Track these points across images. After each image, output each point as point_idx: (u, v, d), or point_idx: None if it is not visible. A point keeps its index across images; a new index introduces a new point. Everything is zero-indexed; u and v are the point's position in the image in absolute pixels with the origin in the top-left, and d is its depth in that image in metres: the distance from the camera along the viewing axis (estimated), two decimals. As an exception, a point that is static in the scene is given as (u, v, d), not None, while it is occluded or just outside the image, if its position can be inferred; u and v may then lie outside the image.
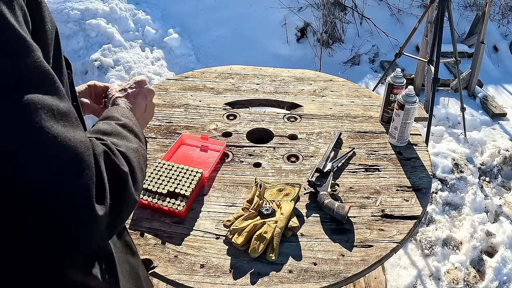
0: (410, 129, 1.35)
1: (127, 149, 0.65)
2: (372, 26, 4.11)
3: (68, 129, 0.50)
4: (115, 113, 0.78)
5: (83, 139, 0.52)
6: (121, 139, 0.68)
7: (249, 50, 3.87)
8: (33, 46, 0.49)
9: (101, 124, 0.72)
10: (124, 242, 0.81)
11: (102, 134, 0.67)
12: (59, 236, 0.51)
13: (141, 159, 0.69)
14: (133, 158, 0.65)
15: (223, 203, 1.16)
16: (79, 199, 0.50)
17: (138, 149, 0.70)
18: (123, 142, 0.68)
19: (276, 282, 0.96)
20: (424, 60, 2.74)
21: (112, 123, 0.73)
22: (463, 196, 2.45)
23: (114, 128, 0.71)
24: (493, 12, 4.22)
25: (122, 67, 3.36)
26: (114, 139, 0.67)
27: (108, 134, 0.68)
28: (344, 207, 1.08)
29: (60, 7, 3.56)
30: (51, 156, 0.48)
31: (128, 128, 0.74)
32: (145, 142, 0.80)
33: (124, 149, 0.65)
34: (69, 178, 0.49)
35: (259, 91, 1.67)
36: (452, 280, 2.02)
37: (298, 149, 1.37)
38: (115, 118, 0.76)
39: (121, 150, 0.63)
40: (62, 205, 0.49)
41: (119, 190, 0.58)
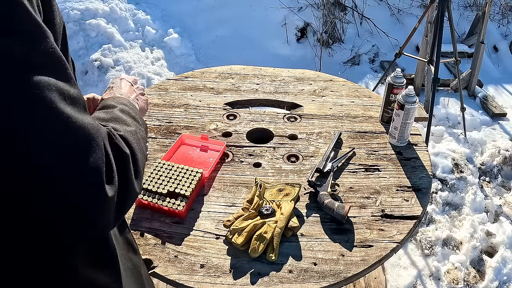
0: (410, 129, 1.35)
1: (125, 132, 0.67)
2: (372, 26, 4.11)
3: (79, 112, 0.52)
4: (110, 102, 0.81)
5: (93, 122, 0.54)
6: (120, 124, 0.70)
7: (249, 50, 3.87)
8: (48, 32, 0.50)
9: (98, 113, 0.74)
10: (125, 240, 0.81)
11: (101, 120, 0.69)
12: (69, 215, 0.51)
13: (140, 141, 0.71)
14: (133, 141, 0.67)
15: (223, 203, 1.16)
16: (90, 178, 0.52)
17: (137, 131, 0.71)
18: (121, 126, 0.69)
19: (276, 282, 0.96)
20: (424, 60, 2.74)
21: (109, 111, 0.76)
22: (463, 196, 2.45)
23: (112, 114, 0.74)
24: (493, 12, 4.22)
25: (122, 67, 3.36)
26: (112, 124, 0.68)
27: (107, 121, 0.70)
28: (344, 207, 1.08)
29: (60, 7, 3.56)
30: (65, 134, 0.50)
31: (125, 112, 0.77)
32: (144, 125, 0.82)
33: (123, 132, 0.66)
34: (81, 157, 0.51)
35: (259, 91, 1.67)
36: (452, 280, 2.02)
37: (298, 149, 1.37)
38: (111, 105, 0.79)
39: (121, 134, 0.65)
40: (74, 184, 0.50)
41: (123, 171, 0.59)
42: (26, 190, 0.49)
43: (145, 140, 0.76)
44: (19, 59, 0.47)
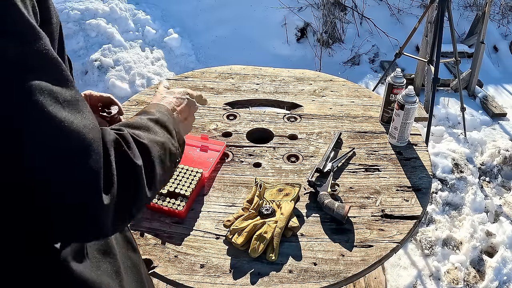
0: (410, 129, 1.35)
1: (149, 141, 0.65)
2: (372, 26, 4.11)
3: (76, 116, 0.51)
4: (151, 108, 0.78)
5: (92, 126, 0.53)
6: (147, 132, 0.68)
7: (249, 50, 3.87)
8: (42, 34, 0.50)
9: (133, 118, 0.72)
10: (125, 238, 0.81)
11: (127, 127, 0.67)
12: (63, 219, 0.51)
13: (166, 153, 0.68)
14: (155, 151, 0.64)
15: (223, 203, 1.16)
16: (85, 184, 0.51)
17: (165, 144, 0.69)
18: (148, 134, 0.67)
19: (276, 282, 0.96)
20: (424, 60, 2.74)
21: (143, 117, 0.73)
22: (463, 196, 2.45)
23: (144, 122, 0.71)
24: (493, 12, 4.22)
25: (122, 67, 3.36)
26: (138, 131, 0.66)
27: (135, 127, 0.67)
28: (344, 207, 1.08)
29: (60, 7, 3.56)
30: (57, 138, 0.49)
31: (160, 123, 0.74)
32: (182, 142, 0.79)
33: (147, 141, 0.64)
34: (76, 162, 0.50)
35: (259, 91, 1.67)
36: (452, 280, 2.02)
37: (298, 149, 1.37)
38: (150, 113, 0.76)
39: (142, 142, 0.63)
40: (68, 187, 0.49)
41: (129, 182, 0.57)
42: (21, 193, 0.48)
43: (175, 156, 0.73)
44: (13, 60, 0.47)
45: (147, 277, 0.86)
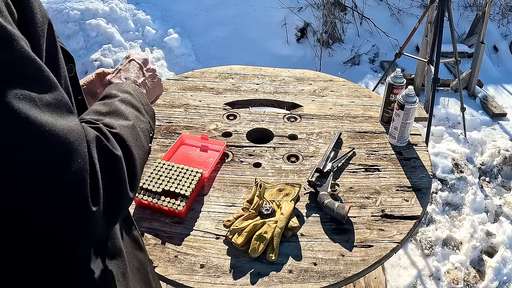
0: (410, 129, 1.35)
1: (121, 129, 0.64)
2: (372, 26, 4.11)
3: (57, 118, 0.49)
4: (112, 90, 0.77)
5: (75, 128, 0.51)
6: (116, 118, 0.67)
7: (249, 50, 3.87)
8: (16, 35, 0.47)
9: (97, 105, 0.70)
10: (132, 237, 0.81)
11: (97, 115, 0.66)
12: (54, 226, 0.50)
13: (139, 136, 0.68)
14: (129, 138, 0.64)
15: (223, 203, 1.16)
16: (73, 186, 0.49)
17: (135, 125, 0.68)
18: (118, 121, 0.66)
19: (276, 282, 0.96)
20: (424, 60, 2.74)
21: (108, 102, 0.72)
22: (463, 196, 2.45)
23: (111, 106, 0.70)
24: (493, 12, 4.22)
25: (122, 67, 3.36)
26: (108, 119, 0.65)
27: (103, 114, 0.67)
28: (344, 207, 1.08)
29: (60, 7, 3.56)
30: (39, 145, 0.47)
31: (126, 102, 0.73)
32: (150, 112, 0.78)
33: (119, 129, 0.63)
34: (59, 167, 0.48)
35: (259, 91, 1.67)
36: (452, 280, 2.02)
37: (298, 149, 1.37)
38: (112, 95, 0.75)
39: (115, 132, 0.62)
40: (56, 192, 0.48)
41: (113, 175, 0.56)
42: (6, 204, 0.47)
43: (148, 131, 0.73)
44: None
45: (154, 276, 0.86)
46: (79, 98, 0.71)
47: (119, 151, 0.59)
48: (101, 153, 0.55)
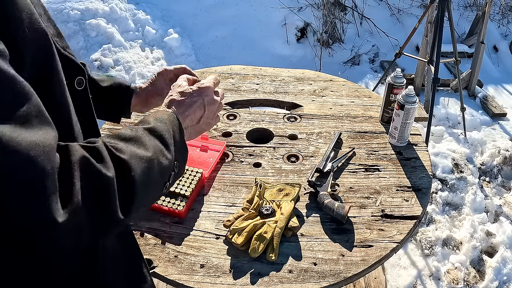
0: (410, 129, 1.35)
1: (131, 156, 0.61)
2: (372, 26, 4.11)
3: (21, 131, 0.48)
4: (149, 117, 0.73)
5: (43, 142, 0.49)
6: (134, 145, 0.63)
7: (249, 50, 3.87)
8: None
9: (125, 129, 0.68)
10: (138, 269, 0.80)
11: (115, 138, 0.64)
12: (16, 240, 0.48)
13: (153, 167, 0.64)
14: (137, 167, 0.60)
15: (223, 203, 1.16)
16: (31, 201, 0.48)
17: (152, 157, 0.64)
18: (133, 148, 0.63)
19: (276, 282, 0.96)
20: (424, 60, 2.74)
21: (136, 128, 0.68)
22: (463, 196, 2.45)
23: (134, 133, 0.66)
24: (493, 12, 4.22)
25: (122, 67, 3.36)
26: (123, 145, 0.62)
27: (123, 139, 0.64)
28: (344, 207, 1.08)
29: (60, 7, 3.57)
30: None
31: (155, 133, 0.69)
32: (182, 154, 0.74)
33: (127, 156, 0.60)
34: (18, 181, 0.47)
35: (259, 91, 1.67)
36: (452, 280, 2.02)
37: (298, 149, 1.37)
38: (146, 122, 0.71)
39: (119, 156, 0.59)
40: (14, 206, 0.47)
41: (97, 195, 0.54)
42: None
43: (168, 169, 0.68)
44: None
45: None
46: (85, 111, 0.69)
47: (110, 171, 0.56)
48: (85, 172, 0.53)
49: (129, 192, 0.59)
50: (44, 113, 0.52)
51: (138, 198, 0.60)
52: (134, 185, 0.60)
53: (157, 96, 1.04)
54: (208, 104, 0.85)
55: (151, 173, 0.63)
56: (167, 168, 0.68)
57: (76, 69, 0.66)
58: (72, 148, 0.55)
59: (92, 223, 0.54)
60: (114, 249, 0.75)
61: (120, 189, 0.57)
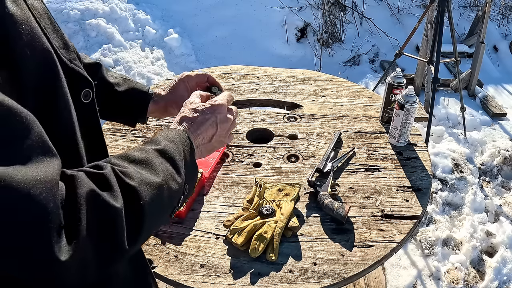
0: (410, 129, 1.35)
1: (141, 183, 0.59)
2: (372, 26, 4.11)
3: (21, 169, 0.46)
4: (159, 136, 0.71)
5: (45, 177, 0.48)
6: (144, 170, 0.61)
7: (249, 50, 3.87)
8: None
9: (133, 150, 0.65)
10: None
11: (124, 160, 0.62)
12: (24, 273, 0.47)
13: (163, 193, 0.62)
14: (146, 194, 0.59)
15: (223, 203, 1.16)
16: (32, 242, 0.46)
17: (162, 183, 0.62)
18: (143, 173, 0.61)
19: (276, 282, 0.96)
20: (424, 60, 2.74)
21: (146, 149, 0.66)
22: (463, 196, 2.45)
23: (145, 154, 0.64)
24: (493, 12, 4.22)
25: (122, 67, 3.36)
26: (133, 169, 0.60)
27: (132, 162, 0.62)
28: (344, 207, 1.08)
29: (60, 7, 3.57)
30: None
31: (165, 155, 0.66)
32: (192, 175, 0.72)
33: (137, 182, 0.58)
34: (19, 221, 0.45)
35: (259, 91, 1.67)
36: (452, 280, 2.02)
37: (298, 149, 1.37)
38: (156, 142, 0.68)
39: (129, 184, 0.57)
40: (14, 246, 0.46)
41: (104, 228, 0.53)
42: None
43: (178, 193, 0.66)
44: None
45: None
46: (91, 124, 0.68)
47: (119, 202, 0.55)
48: (92, 205, 0.52)
49: (137, 222, 0.57)
50: (46, 142, 0.51)
51: (146, 227, 0.59)
52: (143, 214, 0.58)
53: (175, 105, 0.99)
54: (220, 122, 0.83)
55: (160, 200, 0.62)
56: (176, 193, 0.66)
57: (83, 82, 0.65)
58: (78, 179, 0.53)
59: (98, 258, 0.52)
60: (125, 275, 0.73)
61: (128, 220, 0.55)
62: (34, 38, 0.54)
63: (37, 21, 0.58)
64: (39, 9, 0.62)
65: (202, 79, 1.02)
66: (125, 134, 1.42)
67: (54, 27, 0.64)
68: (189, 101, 0.86)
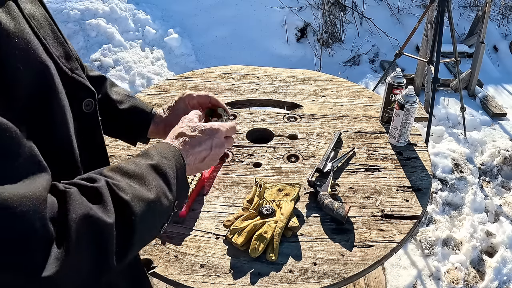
0: (410, 129, 1.35)
1: (133, 197, 0.59)
2: (372, 26, 4.11)
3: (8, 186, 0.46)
4: (153, 150, 0.71)
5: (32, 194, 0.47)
6: (137, 185, 0.62)
7: (249, 50, 3.87)
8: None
9: (127, 163, 0.65)
10: None
11: (118, 174, 0.62)
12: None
13: (154, 209, 0.62)
14: (137, 209, 0.59)
15: (223, 203, 1.16)
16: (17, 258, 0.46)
17: (154, 200, 0.62)
18: (136, 187, 0.61)
19: (276, 282, 0.96)
20: (424, 60, 2.74)
21: (140, 163, 0.66)
22: (463, 196, 2.45)
23: (139, 168, 0.64)
24: (493, 12, 4.22)
25: (122, 67, 3.36)
26: (126, 183, 0.60)
27: (126, 175, 0.62)
28: (344, 207, 1.08)
29: (60, 7, 3.57)
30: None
31: (158, 170, 0.66)
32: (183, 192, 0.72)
33: (130, 197, 0.59)
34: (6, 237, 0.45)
35: (259, 91, 1.67)
36: (452, 280, 2.02)
37: (298, 149, 1.37)
38: (150, 156, 0.68)
39: (122, 198, 0.58)
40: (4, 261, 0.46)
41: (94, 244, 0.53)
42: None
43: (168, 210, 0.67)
44: None
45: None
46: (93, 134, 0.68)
47: (111, 217, 0.55)
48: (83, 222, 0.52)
49: (127, 237, 0.57)
50: (36, 157, 0.50)
51: (135, 242, 0.59)
52: (133, 229, 0.58)
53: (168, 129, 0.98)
54: (215, 146, 0.83)
55: (151, 216, 0.62)
56: (167, 209, 0.67)
57: (85, 91, 0.64)
58: (71, 195, 0.53)
59: (87, 272, 0.53)
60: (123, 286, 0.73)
61: (118, 234, 0.55)
62: (28, 52, 0.53)
63: (35, 32, 0.57)
64: (39, 18, 0.60)
65: (205, 100, 1.02)
66: (125, 134, 1.42)
67: (56, 36, 0.63)
68: (188, 118, 0.86)
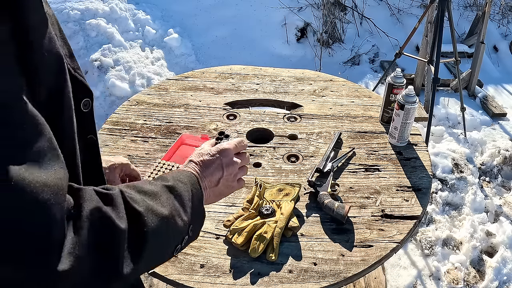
0: (410, 129, 1.35)
1: (146, 210, 0.59)
2: (372, 26, 4.11)
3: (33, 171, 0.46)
4: (168, 175, 0.71)
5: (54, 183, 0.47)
6: (151, 200, 0.62)
7: (249, 50, 3.87)
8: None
9: (142, 183, 0.65)
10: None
11: (132, 189, 0.62)
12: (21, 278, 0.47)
13: (167, 226, 0.62)
14: (150, 222, 0.58)
15: (223, 203, 1.16)
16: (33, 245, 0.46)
17: (168, 217, 0.62)
18: (149, 202, 0.61)
19: (276, 282, 0.96)
20: (424, 60, 2.74)
21: (155, 183, 0.66)
22: (463, 196, 2.45)
23: (154, 187, 0.65)
24: (493, 12, 4.22)
25: (122, 67, 3.36)
26: (139, 196, 0.60)
27: (140, 192, 0.62)
28: (344, 207, 1.08)
29: (60, 7, 3.56)
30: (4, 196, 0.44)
31: (174, 192, 0.67)
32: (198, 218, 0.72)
33: (143, 209, 0.58)
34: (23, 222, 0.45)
35: (259, 91, 1.67)
36: (452, 280, 2.02)
37: (298, 149, 1.37)
38: (166, 179, 0.69)
39: (135, 208, 0.57)
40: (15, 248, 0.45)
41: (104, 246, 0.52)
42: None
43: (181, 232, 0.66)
44: None
45: None
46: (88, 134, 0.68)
47: (123, 223, 0.54)
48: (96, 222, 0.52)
49: (139, 248, 0.57)
50: (56, 148, 0.50)
51: (146, 255, 0.58)
52: (145, 241, 0.57)
53: None
54: (226, 165, 0.82)
55: (164, 232, 0.61)
56: (181, 230, 0.66)
57: (84, 91, 0.65)
58: (85, 194, 0.53)
59: (95, 276, 0.52)
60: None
61: (130, 243, 0.55)
62: (52, 45, 0.54)
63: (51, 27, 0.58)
64: (51, 16, 0.62)
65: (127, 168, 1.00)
66: (125, 134, 1.42)
67: (62, 36, 0.64)
68: (198, 149, 0.86)
